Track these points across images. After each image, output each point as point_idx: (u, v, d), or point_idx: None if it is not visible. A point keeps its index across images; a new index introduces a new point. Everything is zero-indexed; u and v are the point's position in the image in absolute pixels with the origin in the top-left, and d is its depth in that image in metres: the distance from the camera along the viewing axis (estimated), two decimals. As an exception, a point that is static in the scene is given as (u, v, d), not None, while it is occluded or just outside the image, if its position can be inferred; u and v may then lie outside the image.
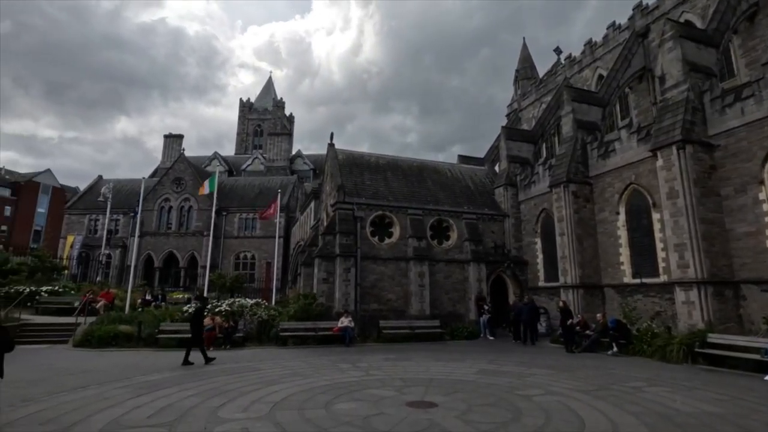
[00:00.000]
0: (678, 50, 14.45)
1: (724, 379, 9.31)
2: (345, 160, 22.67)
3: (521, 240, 22.28)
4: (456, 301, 20.38)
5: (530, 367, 10.98)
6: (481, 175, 25.92)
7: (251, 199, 41.97)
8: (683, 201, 13.08)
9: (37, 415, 6.35)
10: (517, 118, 31.94)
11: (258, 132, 70.42)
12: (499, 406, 7.02)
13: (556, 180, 18.55)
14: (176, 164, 42.10)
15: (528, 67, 34.10)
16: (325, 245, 19.24)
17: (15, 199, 59.07)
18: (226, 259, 39.57)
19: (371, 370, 10.41)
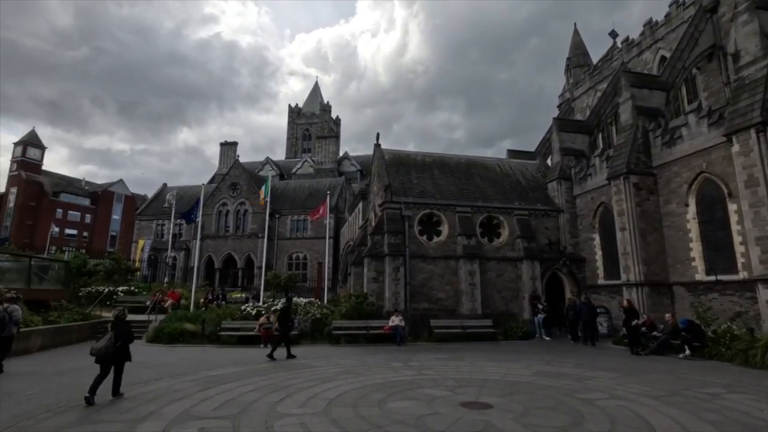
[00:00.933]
0: (755, 23, 13.10)
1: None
2: (391, 160, 22.74)
3: (577, 236, 21.22)
4: (509, 300, 19.80)
5: (591, 369, 10.42)
6: (533, 169, 24.98)
7: (302, 202, 43.27)
8: (765, 190, 11.84)
9: (119, 405, 6.94)
10: (570, 109, 30.45)
11: (306, 136, 72.47)
12: (559, 410, 6.72)
13: (615, 171, 17.47)
14: (232, 170, 44.32)
15: (580, 54, 32.41)
16: (374, 245, 19.41)
17: (94, 208, 65.05)
18: (280, 260, 41.08)
19: (423, 370, 10.37)
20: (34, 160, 61.57)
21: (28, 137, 61.79)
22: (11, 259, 19.14)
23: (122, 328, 7.67)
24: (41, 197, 59.46)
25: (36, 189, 59.39)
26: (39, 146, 62.87)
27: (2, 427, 5.76)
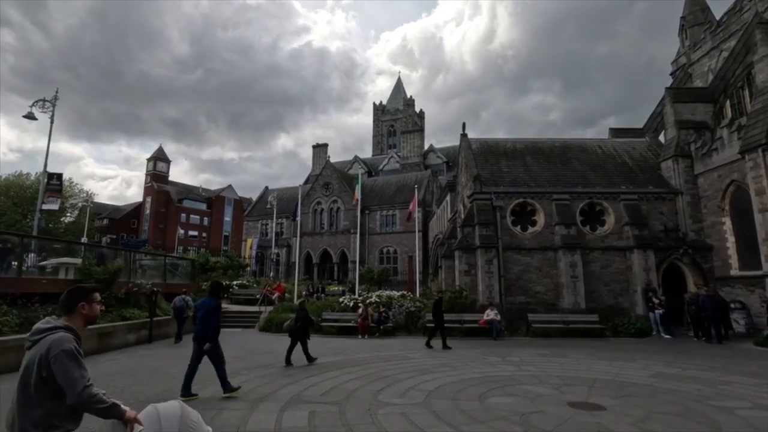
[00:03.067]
0: None
1: None
2: (479, 149, 22.06)
3: (701, 220, 18.50)
4: (617, 294, 18.03)
5: (727, 373, 9.04)
6: (641, 148, 22.35)
7: (390, 197, 44.16)
8: None
9: (242, 386, 7.78)
10: (686, 75, 26.54)
11: (391, 132, 73.62)
12: (688, 417, 5.95)
13: (752, 143, 14.85)
14: (324, 171, 46.85)
15: (698, 10, 28.01)
16: (464, 237, 19.06)
17: (209, 211, 73.76)
18: (371, 254, 42.45)
19: (523, 366, 9.93)
20: (162, 172, 71.64)
21: (157, 153, 72.08)
22: (150, 258, 22.51)
23: (302, 312, 10.09)
24: (169, 204, 69.10)
25: (165, 197, 69.16)
26: (165, 160, 72.97)
27: (155, 397, 6.82)
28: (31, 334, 2.39)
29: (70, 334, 2.40)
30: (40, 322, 2.44)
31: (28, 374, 2.28)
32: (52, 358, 2.25)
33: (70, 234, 36.05)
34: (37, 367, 2.26)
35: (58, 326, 2.39)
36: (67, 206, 40.24)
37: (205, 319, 6.94)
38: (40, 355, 2.28)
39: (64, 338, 2.33)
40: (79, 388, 2.24)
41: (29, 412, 2.25)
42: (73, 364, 2.28)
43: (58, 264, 13.48)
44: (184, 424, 2.02)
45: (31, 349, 2.35)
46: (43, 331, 2.37)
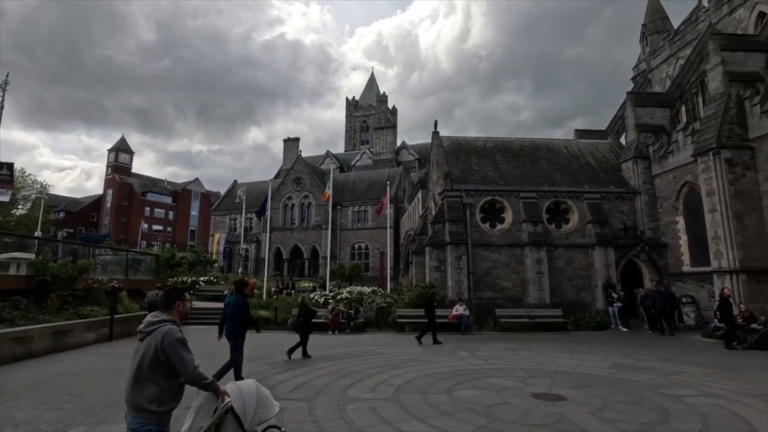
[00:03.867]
0: None
1: None
2: (450, 147, 22.36)
3: (657, 219, 19.50)
4: (580, 289, 18.78)
5: (678, 363, 9.62)
6: (604, 149, 23.29)
7: (362, 193, 44.11)
8: None
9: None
10: (647, 81, 27.84)
11: (364, 128, 73.42)
12: (641, 405, 6.31)
13: (704, 146, 15.75)
14: (295, 165, 46.20)
15: (658, 18, 29.40)
16: (435, 234, 19.31)
17: (175, 205, 71.31)
18: (343, 250, 42.31)
19: (491, 359, 10.21)
20: (124, 164, 68.62)
21: (119, 144, 68.94)
22: (112, 253, 21.58)
23: (304, 309, 10.62)
24: (132, 197, 66.32)
25: (127, 189, 66.32)
26: (128, 151, 69.92)
27: (117, 399, 6.57)
28: (144, 327, 2.88)
29: (175, 325, 2.92)
30: (149, 316, 2.97)
31: (144, 359, 2.77)
32: (168, 346, 2.75)
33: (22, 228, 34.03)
34: (153, 353, 2.76)
35: (165, 320, 2.92)
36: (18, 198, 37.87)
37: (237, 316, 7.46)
38: (156, 343, 2.77)
39: (173, 329, 2.86)
40: (190, 368, 2.78)
41: (143, 390, 2.75)
42: (184, 349, 2.81)
43: (9, 259, 12.70)
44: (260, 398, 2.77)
45: (144, 340, 2.84)
46: (153, 324, 2.88)
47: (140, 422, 2.75)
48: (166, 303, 3.10)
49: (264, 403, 2.90)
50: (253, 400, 2.87)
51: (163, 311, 3.05)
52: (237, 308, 7.45)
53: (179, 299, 3.13)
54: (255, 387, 2.96)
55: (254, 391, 2.90)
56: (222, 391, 2.86)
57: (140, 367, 2.80)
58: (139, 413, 2.76)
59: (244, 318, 7.63)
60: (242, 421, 2.76)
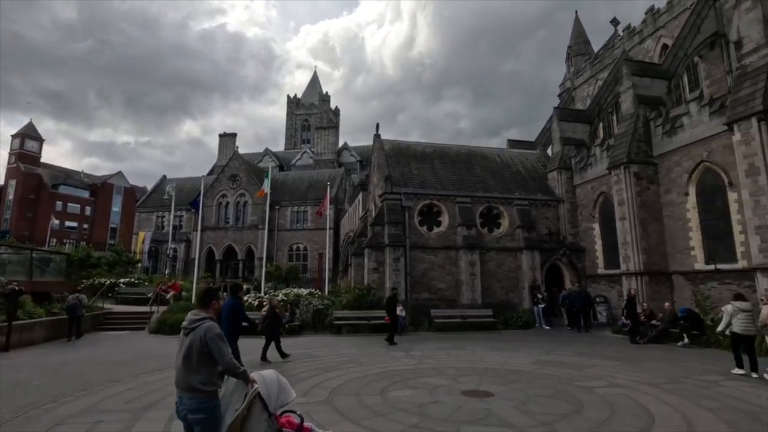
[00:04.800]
0: (758, 10, 12.97)
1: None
2: (391, 150, 22.67)
3: (578, 226, 21.26)
4: (509, 290, 19.90)
5: (591, 358, 10.53)
6: (533, 159, 24.94)
7: (302, 193, 43.25)
8: (765, 179, 11.84)
9: (123, 395, 7.02)
10: (571, 98, 30.27)
11: (305, 127, 72.14)
12: (559, 398, 6.81)
13: (616, 161, 17.44)
14: (231, 162, 44.19)
15: (581, 42, 32.12)
16: (374, 235, 19.46)
17: (93, 200, 64.97)
18: (280, 251, 41.18)
19: (425, 359, 10.46)
20: (32, 152, 61.27)
21: (25, 129, 61.43)
22: (12, 251, 19.16)
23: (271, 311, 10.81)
24: (40, 189, 59.33)
25: (35, 181, 59.23)
26: (37, 138, 62.53)
27: (10, 416, 5.83)
28: (188, 323, 3.38)
29: (213, 322, 3.41)
30: (191, 314, 3.46)
31: (191, 350, 3.26)
32: (209, 339, 3.24)
33: None
34: (199, 345, 3.25)
35: (204, 317, 3.40)
36: None
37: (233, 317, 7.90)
38: (200, 336, 3.25)
39: (213, 326, 3.35)
40: (227, 359, 3.27)
41: (194, 375, 3.24)
42: (223, 343, 3.32)
43: None
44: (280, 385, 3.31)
45: (188, 335, 3.32)
46: (196, 321, 3.36)
47: (196, 400, 3.26)
48: (204, 302, 3.62)
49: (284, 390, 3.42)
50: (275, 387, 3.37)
51: (202, 309, 3.54)
52: (232, 309, 7.90)
53: (215, 298, 3.68)
54: (276, 375, 3.46)
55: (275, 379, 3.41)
56: (251, 379, 3.30)
57: (189, 357, 3.29)
58: (194, 393, 3.26)
59: (240, 318, 8.37)
60: (267, 405, 3.28)
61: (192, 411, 3.25)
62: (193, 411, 3.25)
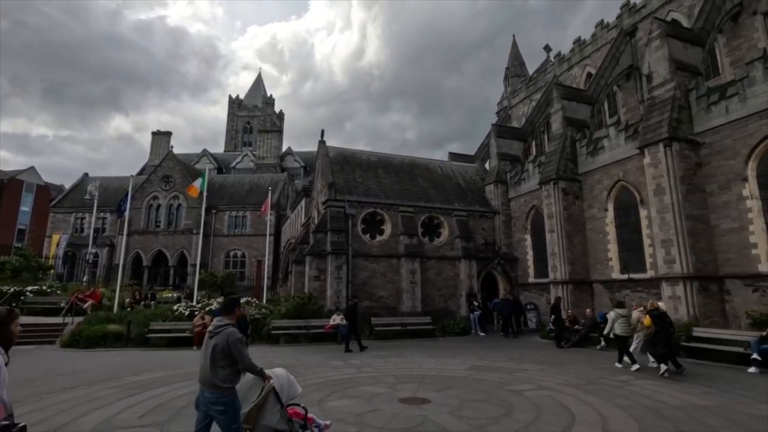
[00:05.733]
0: (665, 49, 14.66)
1: (709, 371, 9.52)
2: (336, 158, 22.60)
3: (511, 237, 22.48)
4: (447, 298, 20.50)
5: (521, 362, 11.10)
6: (472, 172, 26.05)
7: (241, 197, 41.66)
8: (669, 198, 13.31)
9: (26, 417, 6.25)
10: (507, 116, 32.13)
11: (247, 129, 69.83)
12: (491, 402, 7.10)
13: (546, 177, 18.72)
14: (164, 162, 41.54)
15: (518, 64, 34.30)
16: (316, 243, 19.19)
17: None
18: (216, 258, 39.25)
19: (364, 368, 10.43)
20: None
21: None
22: None
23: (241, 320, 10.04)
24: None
25: (-77, 174, 51.57)
26: (-72, 125, 54.60)
27: None
28: (213, 328, 3.90)
29: (235, 327, 3.96)
30: (216, 320, 4.01)
31: (216, 351, 3.77)
32: (231, 343, 3.78)
33: None
34: (222, 348, 3.76)
35: (227, 323, 3.94)
36: None
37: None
38: (223, 340, 3.77)
39: (235, 331, 3.89)
40: (247, 359, 3.85)
41: (218, 373, 3.74)
42: (243, 346, 3.87)
43: None
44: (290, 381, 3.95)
45: (213, 338, 3.83)
46: (220, 326, 3.89)
47: (217, 395, 3.79)
48: (227, 310, 4.15)
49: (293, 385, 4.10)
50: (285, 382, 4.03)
51: (225, 316, 4.08)
52: None
53: (237, 306, 4.22)
54: (285, 373, 4.12)
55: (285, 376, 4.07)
56: (267, 376, 3.93)
57: (214, 357, 3.80)
58: (216, 389, 3.79)
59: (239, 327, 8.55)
60: (280, 397, 3.92)
61: (213, 403, 3.81)
62: (214, 403, 3.81)
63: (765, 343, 9.55)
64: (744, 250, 12.38)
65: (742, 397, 7.20)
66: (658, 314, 9.52)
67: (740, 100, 12.61)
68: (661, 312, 9.70)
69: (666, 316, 9.77)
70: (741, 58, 16.60)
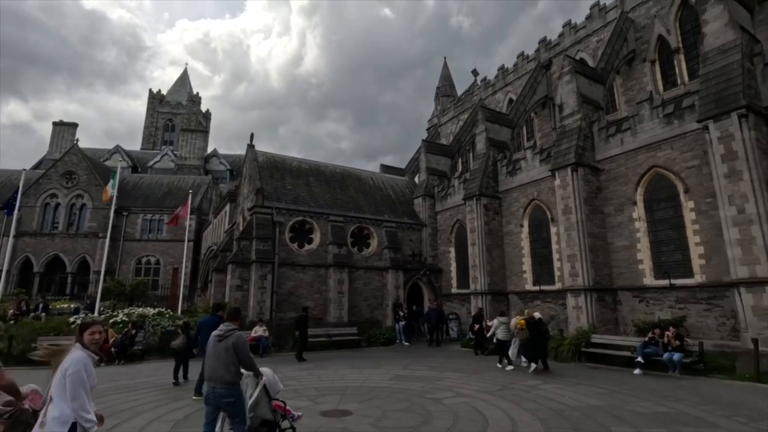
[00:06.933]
0: (574, 83, 16.37)
1: (603, 374, 10.62)
2: (265, 163, 21.91)
3: (437, 249, 23.34)
4: (374, 308, 20.64)
5: (442, 371, 11.49)
6: (402, 185, 26.72)
7: (158, 199, 38.54)
8: (575, 217, 14.76)
9: None
10: (437, 133, 33.56)
11: (169, 127, 65.12)
12: (412, 411, 7.24)
13: (470, 193, 19.80)
14: (67, 156, 37.18)
15: (448, 85, 36.09)
16: (240, 250, 18.35)
17: None
18: (126, 264, 35.76)
19: (286, 380, 9.99)
20: None
21: None
22: None
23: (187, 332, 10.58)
24: None
25: None
26: None
27: None
28: (222, 333, 4.68)
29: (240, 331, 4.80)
30: (223, 325, 4.79)
31: (227, 352, 4.55)
32: (239, 346, 4.59)
33: None
34: (233, 349, 4.56)
35: (235, 329, 4.75)
36: None
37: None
38: (233, 342, 4.58)
39: (243, 335, 4.76)
40: (250, 360, 4.71)
41: (230, 370, 4.53)
42: (247, 348, 4.73)
43: None
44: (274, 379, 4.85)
45: (222, 341, 4.61)
46: (229, 331, 4.68)
47: (229, 389, 4.46)
48: (235, 317, 4.95)
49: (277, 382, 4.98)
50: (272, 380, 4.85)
51: (232, 322, 4.82)
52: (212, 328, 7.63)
53: (240, 315, 5.04)
54: (271, 372, 4.93)
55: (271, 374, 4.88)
56: (261, 374, 4.75)
57: (226, 357, 4.49)
58: (227, 384, 4.46)
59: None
60: (269, 392, 4.78)
61: (224, 397, 4.51)
62: (224, 397, 4.51)
63: (647, 347, 10.90)
64: (633, 265, 14.08)
65: (629, 397, 8.12)
66: (533, 322, 11.47)
67: (632, 134, 14.45)
68: (535, 320, 11.52)
69: (541, 323, 11.66)
70: (633, 98, 19.04)
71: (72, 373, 3.13)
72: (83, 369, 3.19)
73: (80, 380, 3.14)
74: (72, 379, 3.12)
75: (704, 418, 6.59)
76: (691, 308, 12.29)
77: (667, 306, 12.85)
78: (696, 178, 12.52)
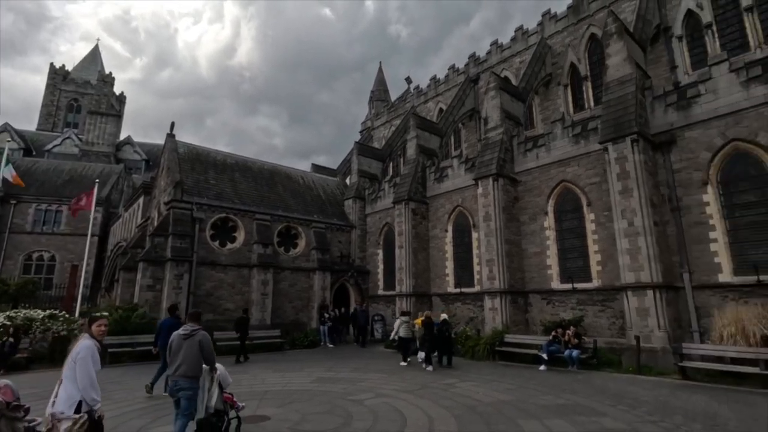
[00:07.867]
0: (498, 99, 17.50)
1: (514, 371, 11.43)
2: (187, 155, 20.51)
3: (365, 250, 23.52)
4: (299, 310, 20.24)
5: (365, 372, 11.58)
6: (333, 185, 26.56)
7: (57, 187, 34.21)
8: (495, 224, 15.76)
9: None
10: (370, 136, 33.88)
11: (74, 108, 58.21)
12: (333, 413, 7.21)
13: (399, 197, 20.26)
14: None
15: (382, 90, 36.64)
16: (153, 247, 16.96)
17: None
18: (11, 260, 31.23)
19: (199, 388, 9.50)
20: None
21: None
22: None
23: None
24: None
25: None
26: None
27: None
28: (187, 332, 5.29)
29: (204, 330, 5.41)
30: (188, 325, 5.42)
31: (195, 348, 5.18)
32: (204, 343, 5.24)
33: None
34: (198, 346, 5.19)
35: (198, 328, 5.39)
36: None
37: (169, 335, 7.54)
38: (199, 340, 5.22)
39: (206, 333, 5.37)
40: (213, 356, 5.35)
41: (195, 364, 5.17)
42: (211, 346, 5.36)
43: None
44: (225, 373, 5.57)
45: (187, 339, 5.24)
46: (193, 330, 5.31)
47: (192, 383, 5.15)
48: (196, 318, 5.56)
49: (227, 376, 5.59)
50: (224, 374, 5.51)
51: (194, 323, 5.44)
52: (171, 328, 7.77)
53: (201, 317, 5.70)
54: (222, 367, 5.53)
55: (223, 369, 5.52)
56: (215, 368, 5.34)
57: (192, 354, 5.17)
58: (191, 379, 5.14)
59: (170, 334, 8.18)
60: (222, 385, 5.43)
61: (185, 389, 5.07)
62: (186, 389, 5.08)
63: (551, 345, 11.96)
64: (542, 270, 15.36)
65: (534, 391, 8.82)
66: (428, 322, 12.73)
67: (546, 150, 15.79)
68: (431, 321, 12.87)
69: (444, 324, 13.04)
70: (549, 117, 20.85)
71: (82, 358, 3.93)
72: (91, 355, 4.01)
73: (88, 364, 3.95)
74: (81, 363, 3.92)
75: (595, 408, 7.38)
76: (588, 309, 13.72)
77: (569, 308, 14.21)
78: (597, 193, 14.03)
